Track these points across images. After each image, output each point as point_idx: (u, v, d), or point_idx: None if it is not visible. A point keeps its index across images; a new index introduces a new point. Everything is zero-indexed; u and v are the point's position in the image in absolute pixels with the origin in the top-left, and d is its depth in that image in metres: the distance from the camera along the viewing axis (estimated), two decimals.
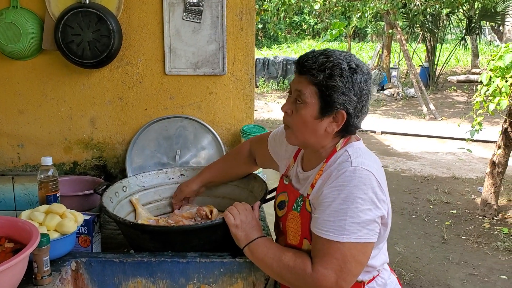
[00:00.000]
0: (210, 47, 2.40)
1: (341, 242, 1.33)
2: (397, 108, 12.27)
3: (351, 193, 1.34)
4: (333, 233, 1.33)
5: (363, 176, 1.36)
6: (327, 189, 1.39)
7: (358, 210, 1.33)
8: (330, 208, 1.36)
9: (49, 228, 1.50)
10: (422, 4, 11.07)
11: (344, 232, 1.33)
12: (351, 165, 1.39)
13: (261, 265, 1.48)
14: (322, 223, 1.37)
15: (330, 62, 1.38)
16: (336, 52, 1.43)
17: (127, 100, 2.45)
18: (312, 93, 1.41)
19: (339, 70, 1.38)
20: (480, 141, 7.81)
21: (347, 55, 1.43)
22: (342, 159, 1.43)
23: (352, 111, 1.41)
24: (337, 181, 1.38)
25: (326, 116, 1.42)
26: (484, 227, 4.88)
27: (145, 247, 1.61)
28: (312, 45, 23.59)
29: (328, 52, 1.42)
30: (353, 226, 1.33)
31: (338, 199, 1.35)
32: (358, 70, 1.40)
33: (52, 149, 2.47)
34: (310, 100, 1.41)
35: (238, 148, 2.00)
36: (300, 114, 1.44)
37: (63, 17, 2.22)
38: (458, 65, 18.28)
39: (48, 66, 2.39)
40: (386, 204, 1.40)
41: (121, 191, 1.89)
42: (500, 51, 4.36)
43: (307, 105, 1.42)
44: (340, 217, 1.33)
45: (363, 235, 1.34)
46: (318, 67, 1.39)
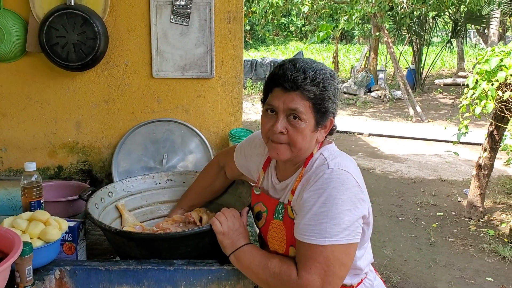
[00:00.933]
0: (198, 50, 2.38)
1: (323, 246, 1.32)
2: (384, 110, 12.34)
3: (330, 195, 1.34)
4: (315, 237, 1.33)
5: (341, 177, 1.37)
6: (307, 193, 1.38)
7: (338, 211, 1.33)
8: (311, 212, 1.35)
9: (32, 236, 1.47)
10: (409, 7, 11.15)
11: (326, 235, 1.32)
12: (328, 167, 1.39)
13: (247, 272, 1.47)
14: (303, 228, 1.36)
15: (320, 75, 1.39)
16: (315, 63, 1.43)
17: (113, 104, 2.41)
18: (307, 108, 1.39)
19: (328, 81, 1.40)
20: (466, 144, 7.88)
21: (321, 64, 1.45)
22: (318, 163, 1.44)
23: (335, 115, 1.47)
24: (315, 184, 1.38)
25: (320, 126, 1.44)
26: (470, 229, 4.91)
27: (132, 254, 1.58)
28: (300, 46, 23.63)
29: (309, 64, 1.41)
30: (334, 228, 1.32)
31: (318, 203, 1.35)
32: (335, 75, 1.44)
33: (36, 153, 2.43)
34: (307, 116, 1.40)
35: (207, 167, 1.97)
36: (298, 131, 1.41)
37: (47, 19, 2.19)
38: (444, 68, 18.45)
39: (32, 69, 2.35)
40: (366, 203, 1.41)
41: (107, 197, 1.86)
42: (486, 54, 4.40)
43: (305, 121, 1.40)
44: (320, 220, 1.33)
45: (345, 237, 1.34)
46: (311, 81, 1.37)
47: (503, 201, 5.65)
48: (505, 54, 4.23)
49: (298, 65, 1.39)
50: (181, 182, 2.04)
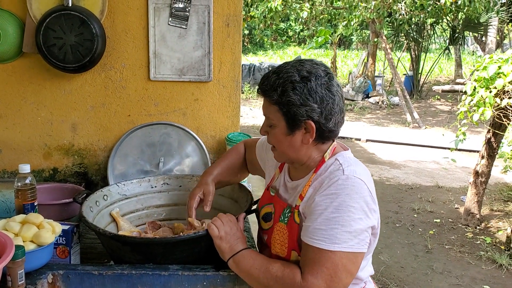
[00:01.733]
0: (196, 53, 2.36)
1: (332, 251, 1.31)
2: (381, 116, 12.34)
3: (344, 201, 1.33)
4: (325, 242, 1.32)
5: (356, 185, 1.36)
6: (319, 197, 1.37)
7: (350, 219, 1.32)
8: (322, 216, 1.34)
9: (25, 239, 1.45)
10: (407, 14, 11.17)
11: (336, 241, 1.31)
12: (343, 173, 1.38)
13: (247, 277, 1.45)
14: (313, 232, 1.35)
15: (280, 79, 1.40)
16: (288, 66, 1.43)
17: (110, 106, 2.39)
18: (275, 112, 1.44)
19: (291, 84, 1.39)
20: (463, 150, 7.88)
21: (299, 65, 1.42)
22: (333, 168, 1.43)
23: (318, 118, 1.40)
24: (329, 189, 1.37)
25: (296, 130, 1.44)
26: (467, 237, 4.90)
27: (126, 259, 1.56)
28: (298, 51, 23.66)
29: (279, 69, 1.44)
30: (344, 235, 1.32)
31: (330, 207, 1.34)
32: (312, 76, 1.39)
33: (31, 155, 2.40)
34: (276, 120, 1.45)
35: (236, 147, 1.94)
36: (273, 135, 1.48)
37: (44, 20, 2.17)
38: (442, 74, 18.51)
39: (29, 70, 2.33)
40: (376, 214, 1.40)
41: (102, 200, 1.84)
42: (484, 62, 4.40)
43: (275, 125, 1.45)
44: (332, 225, 1.32)
45: (355, 245, 1.33)
46: (270, 87, 1.42)
47: (500, 209, 5.64)
48: (503, 61, 4.23)
49: (269, 71, 1.46)
50: (177, 186, 2.02)
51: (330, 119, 1.42)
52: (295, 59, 1.49)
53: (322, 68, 1.43)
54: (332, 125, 1.44)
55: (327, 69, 1.44)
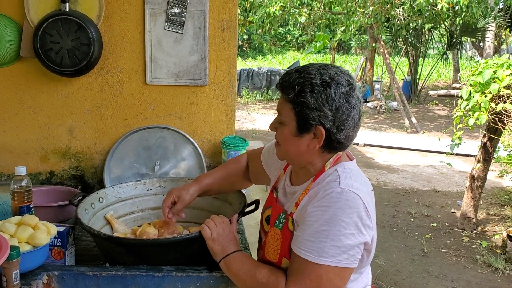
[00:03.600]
0: (192, 58, 2.39)
1: (318, 264, 1.29)
2: (379, 120, 12.37)
3: (335, 215, 1.30)
4: (312, 254, 1.30)
5: (350, 199, 1.32)
6: (312, 208, 1.35)
7: (340, 233, 1.29)
8: (312, 228, 1.32)
9: (21, 240, 1.46)
10: (405, 19, 11.22)
11: (323, 255, 1.29)
12: (339, 186, 1.34)
13: (236, 280, 1.46)
14: (302, 242, 1.33)
15: (301, 78, 1.36)
16: (312, 67, 1.38)
17: (107, 110, 2.42)
18: (288, 111, 1.40)
19: (310, 86, 1.34)
20: (460, 155, 7.90)
21: (323, 68, 1.38)
22: (330, 179, 1.39)
23: (329, 126, 1.35)
24: (322, 201, 1.34)
25: (305, 133, 1.39)
26: (463, 241, 4.92)
27: (121, 260, 1.58)
28: (297, 56, 23.71)
29: (303, 68, 1.39)
30: (332, 249, 1.29)
31: (321, 220, 1.31)
32: (333, 83, 1.34)
33: (28, 158, 2.42)
34: (287, 118, 1.41)
35: (237, 158, 1.93)
36: (281, 132, 1.44)
37: (42, 24, 2.20)
38: (440, 79, 18.55)
39: (26, 74, 2.35)
40: (371, 230, 1.35)
41: (98, 202, 1.86)
42: (479, 66, 4.43)
43: (285, 123, 1.42)
44: (321, 238, 1.30)
45: (342, 260, 1.30)
46: (289, 84, 1.38)
47: (496, 213, 5.66)
48: (498, 66, 4.27)
49: (295, 69, 1.41)
50: None
51: (342, 131, 1.37)
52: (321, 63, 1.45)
53: (346, 77, 1.38)
54: (343, 137, 1.38)
55: (350, 79, 1.38)
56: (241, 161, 1.91)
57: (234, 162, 1.91)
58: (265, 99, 14.84)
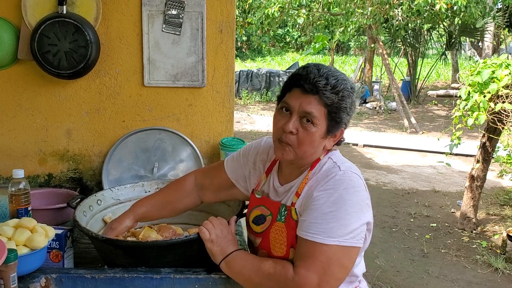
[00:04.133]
0: (190, 59, 2.39)
1: (327, 245, 1.33)
2: (379, 121, 12.38)
3: (341, 196, 1.36)
4: (320, 236, 1.33)
5: (353, 179, 1.40)
6: (317, 192, 1.39)
7: (346, 213, 1.34)
8: (319, 210, 1.36)
9: (18, 243, 1.46)
10: (403, 20, 11.23)
11: (331, 235, 1.33)
12: (340, 169, 1.42)
13: (240, 278, 1.46)
14: (308, 226, 1.36)
15: (341, 84, 1.40)
16: (338, 72, 1.44)
17: (105, 112, 2.42)
18: (321, 114, 1.40)
19: (347, 92, 1.42)
20: (459, 155, 7.90)
21: (343, 74, 1.45)
22: (328, 166, 1.46)
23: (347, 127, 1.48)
24: (327, 184, 1.39)
25: (331, 134, 1.45)
26: (463, 241, 4.91)
27: (119, 262, 1.57)
28: (296, 57, 23.73)
29: (333, 72, 1.42)
30: (340, 229, 1.33)
31: (327, 202, 1.36)
32: (354, 89, 1.46)
33: (26, 160, 2.42)
34: (320, 122, 1.41)
35: (180, 180, 1.84)
36: (308, 134, 1.41)
37: (39, 27, 2.19)
38: (439, 80, 18.56)
39: (24, 76, 2.35)
40: (370, 210, 1.43)
41: (96, 205, 1.86)
42: (478, 66, 4.43)
43: (316, 125, 1.40)
44: (328, 219, 1.34)
45: (350, 239, 1.34)
46: (331, 88, 1.38)
47: (496, 213, 5.66)
48: (496, 66, 4.26)
49: (322, 70, 1.40)
50: None
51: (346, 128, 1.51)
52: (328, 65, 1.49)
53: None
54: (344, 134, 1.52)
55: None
56: (185, 184, 1.80)
57: (175, 185, 1.81)
58: (264, 100, 14.84)
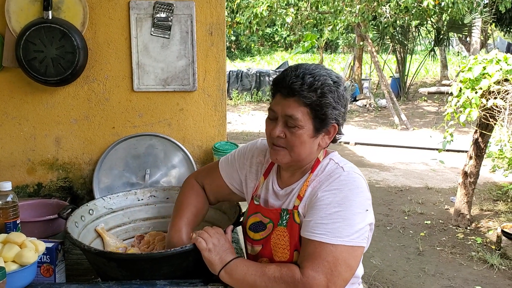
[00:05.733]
0: (180, 63, 2.34)
1: (334, 245, 1.33)
2: (369, 119, 12.39)
3: (346, 196, 1.37)
4: (327, 236, 1.33)
5: (356, 180, 1.41)
6: (322, 193, 1.40)
7: (352, 213, 1.35)
8: (324, 211, 1.36)
9: (7, 260, 1.40)
10: (392, 17, 11.25)
11: (338, 235, 1.33)
12: (343, 170, 1.43)
13: (243, 285, 1.41)
14: (314, 226, 1.36)
15: (318, 81, 1.39)
16: (317, 69, 1.43)
17: (94, 119, 2.36)
18: (304, 114, 1.41)
19: (328, 87, 1.40)
20: (451, 151, 7.92)
21: (325, 69, 1.44)
22: (330, 168, 1.46)
23: (341, 122, 1.47)
24: (332, 185, 1.40)
25: (321, 132, 1.44)
26: (458, 237, 4.91)
27: (113, 275, 1.53)
28: (285, 57, 23.71)
29: (310, 70, 1.41)
30: (346, 229, 1.34)
31: (333, 202, 1.37)
32: (340, 82, 1.44)
33: (14, 170, 2.36)
34: (303, 121, 1.41)
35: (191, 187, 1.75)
36: (296, 136, 1.43)
37: (24, 33, 2.13)
38: (428, 76, 18.64)
39: (9, 84, 2.29)
40: (371, 210, 1.44)
41: (88, 215, 1.80)
42: (469, 63, 4.42)
43: (301, 127, 1.41)
44: (334, 219, 1.35)
45: (355, 239, 1.34)
46: (308, 87, 1.38)
47: (490, 208, 5.67)
48: (487, 62, 4.26)
49: (298, 71, 1.41)
50: (164, 198, 1.99)
51: (343, 123, 1.49)
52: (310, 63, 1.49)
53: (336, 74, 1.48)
54: (343, 128, 1.51)
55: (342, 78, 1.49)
56: (198, 188, 1.75)
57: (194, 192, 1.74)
58: (255, 101, 14.81)
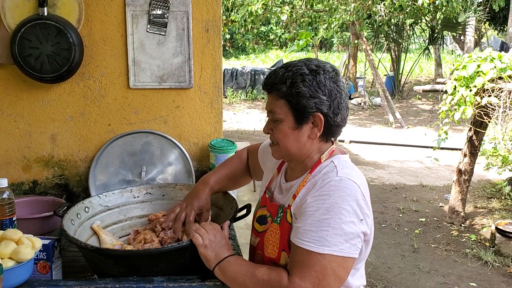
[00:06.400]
0: (176, 60, 2.34)
1: (321, 254, 1.29)
2: (364, 117, 12.42)
3: (335, 203, 1.32)
4: (314, 244, 1.30)
5: (349, 187, 1.35)
6: (311, 198, 1.36)
7: (341, 221, 1.30)
8: (313, 217, 1.33)
9: (3, 256, 1.40)
10: (386, 15, 11.27)
11: (326, 244, 1.29)
12: (337, 175, 1.38)
13: (234, 284, 1.42)
14: (303, 233, 1.33)
15: (289, 72, 1.41)
16: (296, 61, 1.45)
17: (90, 116, 2.35)
18: (282, 107, 1.42)
19: (300, 76, 1.39)
20: (445, 149, 7.94)
21: (307, 60, 1.44)
22: (327, 169, 1.42)
23: (327, 111, 1.40)
24: (321, 190, 1.36)
25: (304, 123, 1.42)
26: (452, 235, 4.93)
27: (110, 272, 1.53)
28: (280, 55, 23.71)
29: (287, 64, 1.44)
30: (335, 238, 1.30)
31: (321, 209, 1.32)
32: (320, 70, 1.40)
33: (9, 168, 2.35)
34: (283, 114, 1.43)
35: (239, 154, 1.92)
36: (279, 130, 1.45)
37: (19, 30, 2.12)
38: (422, 74, 18.70)
39: (4, 81, 2.28)
40: (369, 219, 1.38)
41: (83, 212, 1.80)
42: (463, 61, 4.44)
43: (282, 119, 1.43)
44: (322, 227, 1.30)
45: (345, 249, 1.31)
46: (279, 80, 1.41)
47: (484, 206, 5.70)
48: (482, 60, 4.28)
49: (278, 68, 1.45)
50: (160, 195, 1.99)
51: (338, 114, 1.42)
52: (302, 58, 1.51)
53: (329, 64, 1.45)
54: (340, 119, 1.44)
55: (333, 66, 1.45)
56: (242, 157, 1.90)
57: (237, 158, 1.90)
58: (250, 99, 14.80)
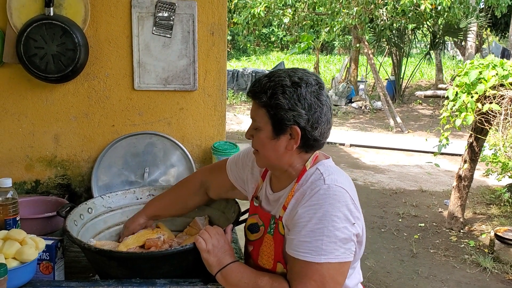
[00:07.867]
0: (181, 62, 2.34)
1: (319, 263, 1.30)
2: (364, 120, 12.43)
3: (327, 211, 1.32)
4: (311, 254, 1.31)
5: (338, 194, 1.35)
6: (302, 209, 1.36)
7: (334, 228, 1.31)
8: (306, 228, 1.33)
9: (7, 256, 1.40)
10: (388, 19, 11.28)
11: (322, 253, 1.31)
12: (324, 183, 1.37)
13: None
14: (298, 244, 1.34)
15: (271, 82, 1.41)
16: (280, 71, 1.44)
17: (93, 116, 2.36)
18: (263, 116, 1.43)
19: (281, 88, 1.39)
20: (446, 154, 7.96)
21: (291, 71, 1.43)
22: (314, 178, 1.41)
23: (304, 125, 1.39)
24: (311, 200, 1.36)
25: (281, 134, 1.42)
26: (451, 240, 4.94)
27: (112, 274, 1.53)
28: (281, 57, 23.73)
29: (271, 73, 1.45)
30: (330, 245, 1.31)
31: (314, 219, 1.33)
32: (302, 83, 1.39)
33: (12, 167, 2.35)
34: (262, 123, 1.44)
35: (187, 179, 1.92)
36: (258, 138, 1.46)
37: (25, 29, 2.13)
38: (423, 79, 18.71)
39: (9, 80, 2.28)
40: (360, 221, 1.40)
41: (86, 213, 1.80)
42: (465, 67, 4.45)
43: (261, 128, 1.44)
44: (316, 237, 1.31)
45: (341, 254, 1.32)
46: (261, 89, 1.42)
47: (483, 212, 5.71)
48: (484, 67, 4.29)
49: (263, 75, 1.46)
50: None
51: (316, 128, 1.41)
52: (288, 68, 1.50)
53: (313, 77, 1.43)
54: (318, 134, 1.42)
55: (318, 79, 1.44)
56: (193, 182, 1.88)
57: (183, 185, 1.90)
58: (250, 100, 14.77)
